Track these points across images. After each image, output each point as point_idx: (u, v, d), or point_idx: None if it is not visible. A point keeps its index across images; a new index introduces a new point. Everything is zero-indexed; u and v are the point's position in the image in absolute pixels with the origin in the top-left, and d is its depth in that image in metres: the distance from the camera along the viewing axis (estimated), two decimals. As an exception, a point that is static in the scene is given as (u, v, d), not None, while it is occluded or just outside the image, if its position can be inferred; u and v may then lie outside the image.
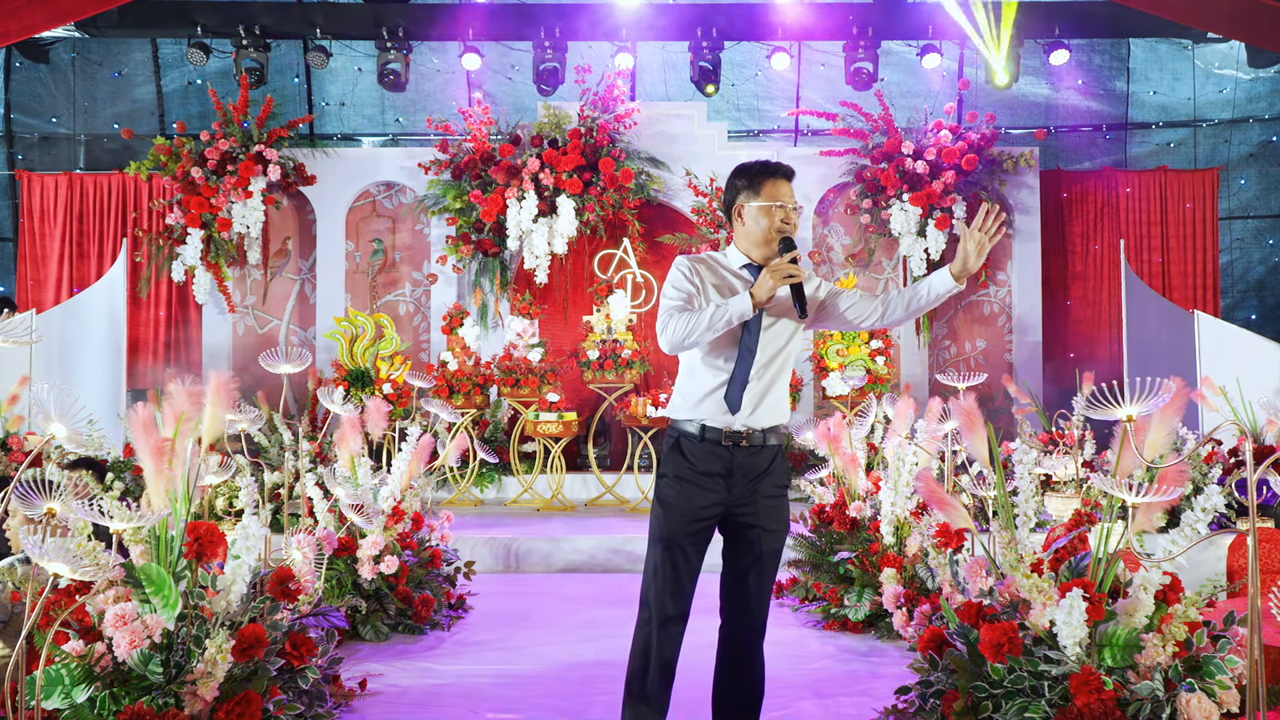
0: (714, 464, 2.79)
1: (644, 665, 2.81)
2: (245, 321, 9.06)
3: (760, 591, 2.85)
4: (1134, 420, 2.83)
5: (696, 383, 2.86)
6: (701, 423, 2.81)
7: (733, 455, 2.80)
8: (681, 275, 2.88)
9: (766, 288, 2.70)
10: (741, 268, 2.90)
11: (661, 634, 2.79)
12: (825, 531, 5.05)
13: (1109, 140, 10.19)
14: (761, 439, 2.82)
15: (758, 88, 10.03)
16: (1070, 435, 6.34)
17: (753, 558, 2.83)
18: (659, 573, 2.81)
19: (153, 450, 2.92)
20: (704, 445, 2.80)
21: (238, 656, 2.97)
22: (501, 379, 7.56)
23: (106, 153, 9.96)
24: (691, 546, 2.81)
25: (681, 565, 2.80)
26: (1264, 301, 10.18)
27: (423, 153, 8.80)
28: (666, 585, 2.79)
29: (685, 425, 2.84)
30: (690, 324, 2.75)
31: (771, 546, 2.85)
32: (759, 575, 2.84)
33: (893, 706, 3.35)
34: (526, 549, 6.02)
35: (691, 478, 2.80)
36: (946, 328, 9.22)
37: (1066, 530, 3.79)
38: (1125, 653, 2.91)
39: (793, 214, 2.86)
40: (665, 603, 2.79)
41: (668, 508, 2.81)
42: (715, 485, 2.79)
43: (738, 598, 2.86)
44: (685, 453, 2.82)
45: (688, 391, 2.87)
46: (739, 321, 2.74)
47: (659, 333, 2.82)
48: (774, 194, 2.83)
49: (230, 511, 5.85)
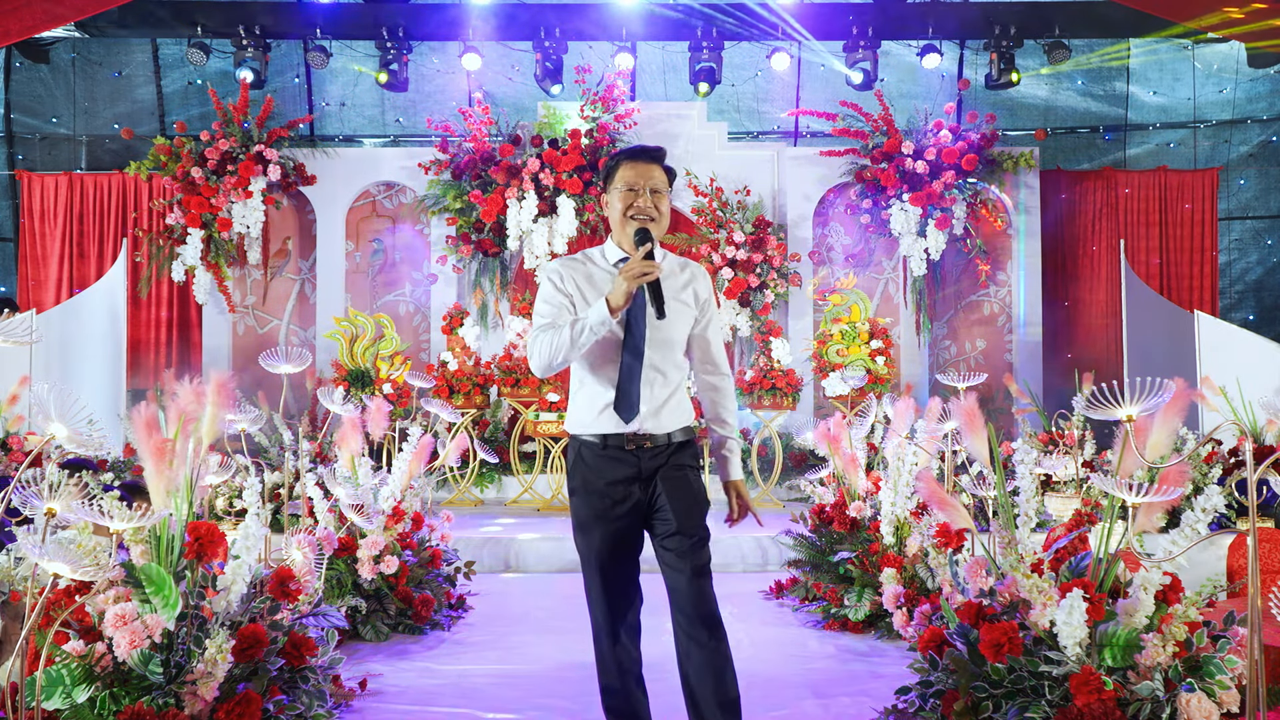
0: (619, 470, 2.63)
1: (613, 680, 2.74)
2: (245, 321, 9.06)
3: (691, 576, 2.58)
4: (1134, 420, 2.83)
5: (588, 393, 2.68)
6: (602, 434, 2.64)
7: (637, 459, 2.63)
8: (551, 286, 2.68)
9: (620, 291, 2.48)
10: (615, 264, 2.68)
11: (616, 649, 2.71)
12: (825, 531, 5.05)
13: (1109, 140, 10.19)
14: (666, 440, 2.65)
15: (757, 88, 10.03)
16: (1070, 435, 6.34)
17: (674, 542, 2.60)
18: (593, 594, 2.72)
19: (154, 450, 2.92)
20: (607, 453, 2.64)
21: (238, 656, 2.97)
22: (501, 379, 7.56)
23: (107, 153, 9.97)
24: (618, 560, 2.69)
25: (613, 580, 2.69)
26: (1262, 302, 10.19)
27: (423, 153, 8.80)
28: (601, 605, 2.70)
29: (585, 437, 2.67)
30: (553, 344, 2.57)
31: (686, 523, 2.59)
32: (684, 559, 2.59)
33: (893, 706, 3.35)
34: (526, 549, 6.02)
35: (601, 489, 2.64)
36: (946, 328, 9.22)
37: (1067, 530, 3.79)
38: (1125, 653, 2.91)
39: (649, 198, 2.60)
40: (610, 621, 2.70)
41: (583, 526, 2.69)
42: (625, 492, 2.63)
43: (675, 593, 2.62)
44: (589, 464, 2.66)
45: (581, 403, 2.69)
46: (604, 330, 2.53)
47: (528, 357, 2.66)
48: (625, 176, 2.62)
49: (230, 511, 5.85)
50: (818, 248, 9.07)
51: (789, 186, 9.01)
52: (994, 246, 9.05)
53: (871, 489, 4.98)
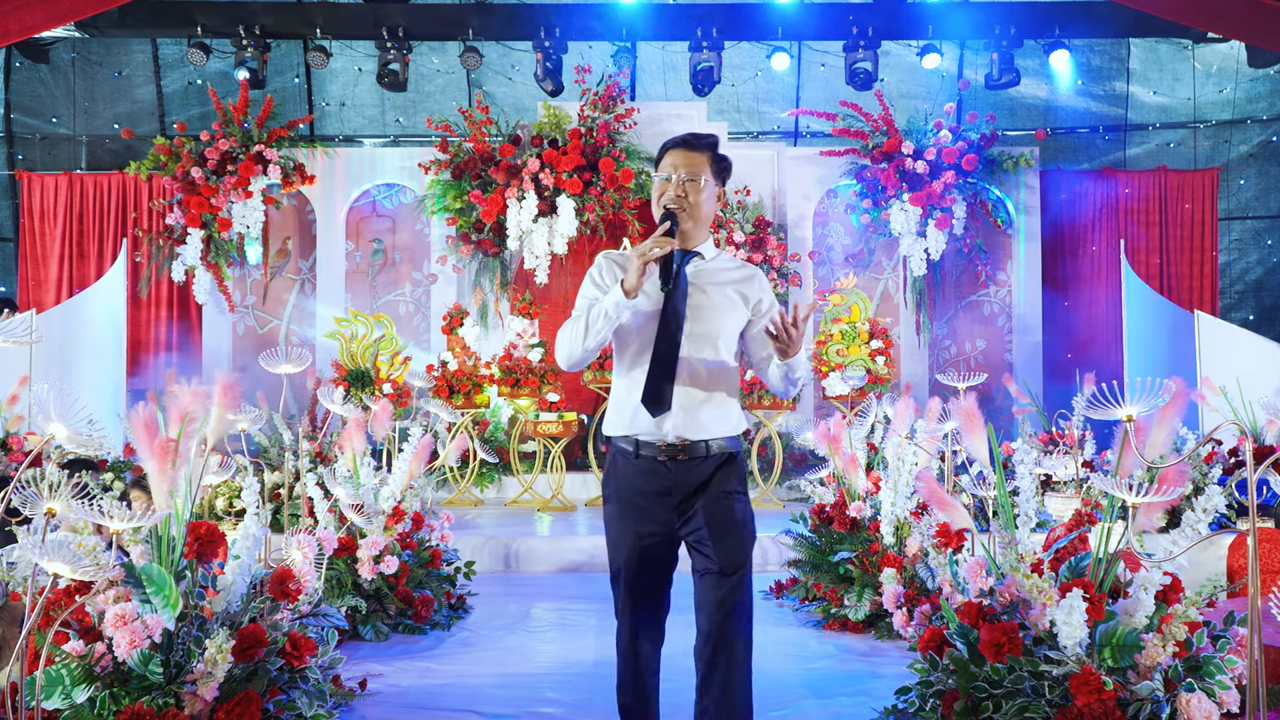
0: (651, 483, 2.47)
1: (626, 679, 2.62)
2: (245, 321, 9.06)
3: (728, 611, 2.44)
4: (1134, 420, 2.83)
5: (621, 389, 2.53)
6: (635, 438, 2.49)
7: (671, 471, 2.46)
8: (589, 281, 2.58)
9: (632, 269, 2.37)
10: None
11: (636, 660, 2.58)
12: (825, 531, 5.04)
13: (1108, 140, 10.19)
14: (705, 450, 2.47)
15: (757, 88, 10.03)
16: (1070, 435, 6.34)
17: (712, 575, 2.44)
18: (619, 604, 2.58)
19: (154, 450, 2.92)
20: (641, 462, 2.48)
21: (238, 656, 2.97)
22: (501, 379, 7.56)
23: (107, 153, 9.96)
24: (646, 574, 2.54)
25: (640, 596, 2.55)
26: (1261, 302, 10.18)
27: (423, 153, 8.80)
28: (626, 617, 2.57)
29: (620, 442, 2.54)
30: (573, 333, 2.45)
31: (727, 561, 2.43)
32: (722, 592, 2.43)
33: (893, 706, 3.35)
34: (526, 549, 6.02)
35: (632, 501, 2.50)
36: (947, 328, 9.22)
37: (1067, 530, 3.79)
38: (1125, 653, 2.91)
39: (683, 186, 2.50)
40: (632, 630, 2.56)
41: (613, 538, 2.55)
42: (658, 508, 2.49)
43: (705, 636, 2.48)
44: (622, 471, 2.53)
45: (616, 401, 2.56)
46: (619, 315, 2.41)
47: (555, 353, 2.57)
48: (663, 165, 2.55)
49: (230, 511, 5.85)
50: (818, 248, 9.07)
51: (789, 186, 9.01)
52: (994, 246, 9.05)
53: (871, 489, 4.98)
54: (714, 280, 2.56)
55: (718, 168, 2.58)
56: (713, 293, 2.53)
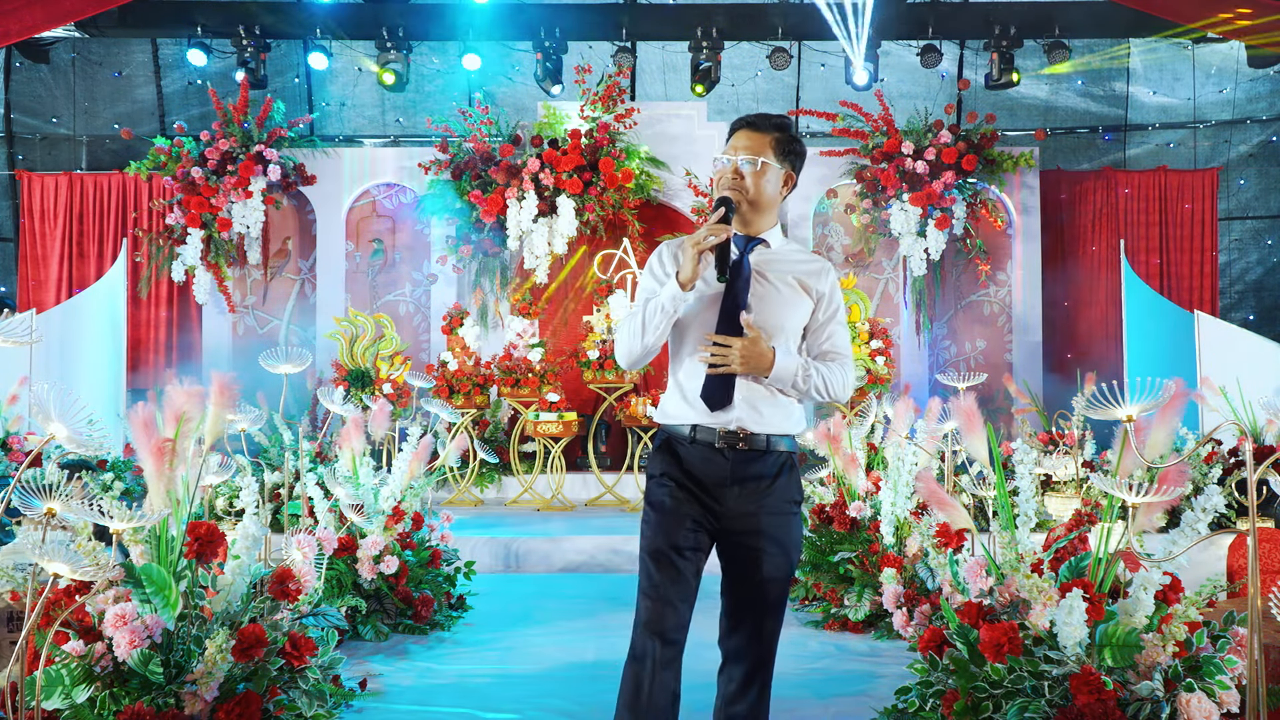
0: (707, 469, 2.35)
1: (634, 705, 2.33)
2: (245, 321, 9.06)
3: (762, 627, 2.38)
4: (1134, 420, 2.83)
5: (679, 379, 2.42)
6: (693, 423, 2.38)
7: (729, 461, 2.35)
8: (648, 272, 2.46)
9: (687, 260, 2.28)
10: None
11: (656, 672, 2.31)
12: (825, 531, 5.04)
13: (1108, 141, 10.19)
14: (765, 443, 2.36)
15: (757, 88, 10.03)
16: (1070, 435, 6.35)
17: (753, 585, 2.36)
18: (650, 589, 2.34)
19: (153, 450, 2.92)
20: (695, 448, 2.37)
21: (238, 656, 2.97)
22: (501, 379, 7.56)
23: (107, 153, 9.97)
24: (685, 559, 2.33)
25: (676, 580, 2.33)
26: (1261, 302, 10.19)
27: (423, 153, 8.81)
28: (657, 605, 2.32)
29: (675, 427, 2.41)
30: (630, 329, 2.36)
31: (775, 572, 2.36)
32: (760, 606, 2.37)
33: (893, 706, 3.35)
34: (526, 549, 6.01)
35: (681, 479, 2.37)
36: (946, 328, 9.22)
37: (1067, 530, 3.79)
38: (1125, 653, 2.91)
39: (739, 168, 2.38)
40: (660, 625, 2.32)
41: (659, 511, 2.37)
42: (708, 494, 2.36)
43: (737, 635, 2.41)
44: (677, 454, 2.39)
45: (672, 390, 2.45)
46: (676, 309, 2.32)
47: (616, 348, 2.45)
48: (726, 148, 2.44)
49: (230, 511, 5.85)
50: (817, 248, 9.07)
51: (789, 186, 9.00)
52: (994, 246, 9.05)
53: (871, 489, 4.98)
54: (778, 270, 2.43)
55: (784, 150, 2.42)
56: (777, 282, 2.41)
